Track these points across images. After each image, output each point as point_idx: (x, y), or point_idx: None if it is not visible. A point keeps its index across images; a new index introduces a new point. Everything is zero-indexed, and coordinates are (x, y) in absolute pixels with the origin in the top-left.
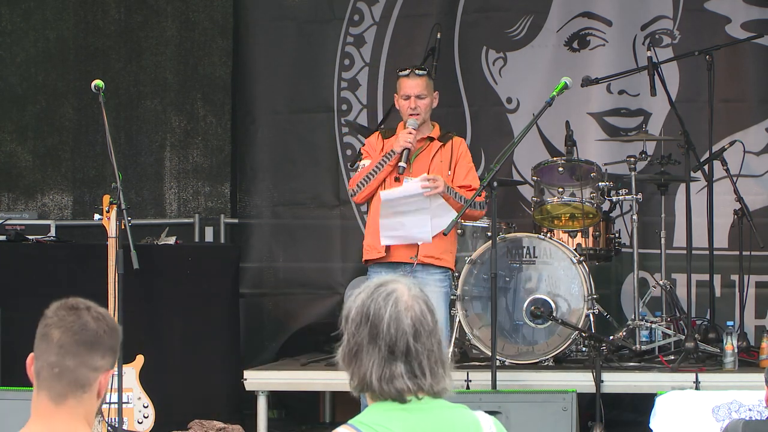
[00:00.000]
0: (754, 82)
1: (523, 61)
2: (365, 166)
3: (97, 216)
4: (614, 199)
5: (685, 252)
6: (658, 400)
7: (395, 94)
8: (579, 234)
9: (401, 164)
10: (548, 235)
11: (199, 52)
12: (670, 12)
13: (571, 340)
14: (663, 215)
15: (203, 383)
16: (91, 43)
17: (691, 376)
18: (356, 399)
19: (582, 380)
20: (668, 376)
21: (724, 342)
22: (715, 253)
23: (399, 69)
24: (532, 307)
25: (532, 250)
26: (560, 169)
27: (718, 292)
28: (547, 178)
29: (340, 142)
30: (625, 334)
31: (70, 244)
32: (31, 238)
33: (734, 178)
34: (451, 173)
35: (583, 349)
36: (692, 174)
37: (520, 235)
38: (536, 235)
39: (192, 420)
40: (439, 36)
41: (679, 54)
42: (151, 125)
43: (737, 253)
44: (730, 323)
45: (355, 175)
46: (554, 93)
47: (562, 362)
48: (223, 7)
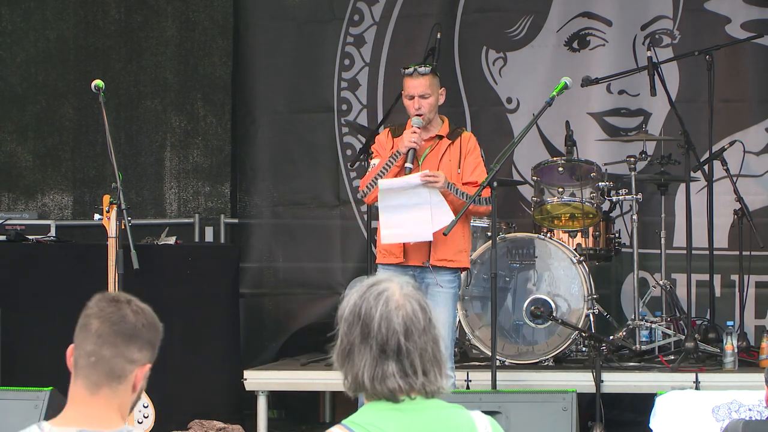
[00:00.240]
0: (754, 82)
1: (523, 61)
2: (374, 166)
3: (97, 216)
4: (614, 199)
5: (685, 252)
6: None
7: (402, 91)
8: (579, 234)
9: (407, 165)
10: (548, 235)
11: (200, 52)
12: (670, 12)
13: (571, 340)
14: (663, 215)
15: (203, 383)
16: (92, 43)
17: (691, 376)
18: (355, 399)
19: (582, 380)
20: (668, 376)
21: (724, 342)
22: (715, 253)
23: (403, 67)
24: (532, 307)
25: (532, 250)
26: (560, 169)
27: (718, 292)
28: (547, 178)
29: (340, 142)
30: (625, 334)
31: (70, 244)
32: (31, 238)
33: (734, 178)
34: (460, 171)
35: (583, 349)
36: (692, 174)
37: (520, 235)
38: (536, 235)
39: (192, 420)
40: (439, 36)
41: (679, 54)
42: (151, 125)
43: (737, 253)
44: (730, 323)
45: (365, 176)
46: (554, 93)
47: (562, 362)
48: (223, 7)
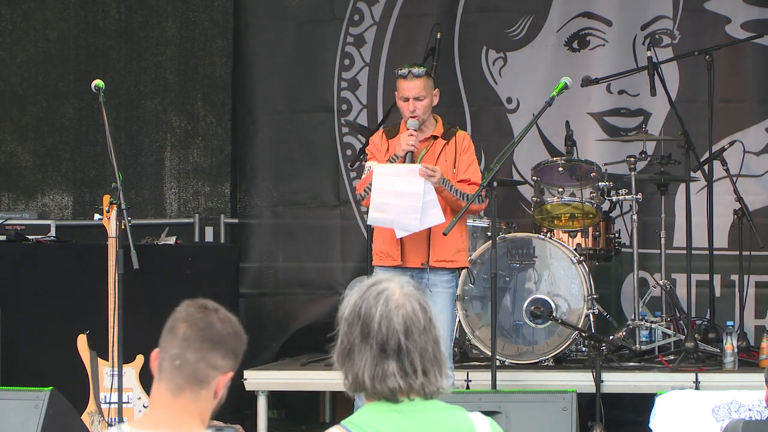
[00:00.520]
0: (754, 82)
1: (523, 61)
2: (371, 168)
3: (97, 216)
4: (614, 199)
5: (685, 252)
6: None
7: (396, 92)
8: (579, 234)
9: None
10: (548, 235)
11: (200, 52)
12: (670, 12)
13: (571, 340)
14: (663, 215)
15: None
16: (92, 43)
17: (691, 376)
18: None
19: (582, 380)
20: (668, 376)
21: (724, 342)
22: (715, 253)
23: (397, 69)
24: (532, 307)
25: (532, 250)
26: (560, 169)
27: (718, 292)
28: (547, 178)
29: (340, 142)
30: (625, 334)
31: (70, 244)
32: (31, 238)
33: (734, 178)
34: (455, 171)
35: (583, 349)
36: (692, 174)
37: (520, 235)
38: (536, 235)
39: None
40: (439, 36)
41: (679, 54)
42: (151, 125)
43: (737, 253)
44: (730, 323)
45: (362, 179)
46: (554, 93)
47: (562, 362)
48: (224, 7)
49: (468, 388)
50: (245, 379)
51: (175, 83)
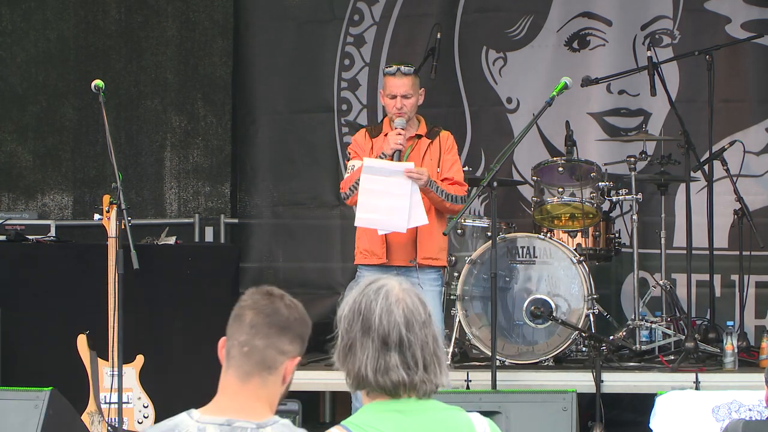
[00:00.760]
0: (754, 82)
1: (523, 61)
2: (355, 168)
3: (97, 216)
4: (614, 199)
5: (685, 252)
6: (658, 400)
7: (380, 90)
8: (579, 234)
9: None
10: (548, 235)
11: (200, 52)
12: (670, 12)
13: (571, 340)
14: (663, 215)
15: (203, 383)
16: (92, 43)
17: (691, 376)
18: None
19: (582, 380)
20: (668, 376)
21: (724, 342)
22: (715, 253)
23: (385, 66)
24: (532, 307)
25: (532, 250)
26: (560, 169)
27: (718, 292)
28: (547, 178)
29: (340, 142)
30: (625, 334)
31: (70, 244)
32: (31, 238)
33: (734, 178)
34: (439, 170)
35: (583, 349)
36: (692, 174)
37: (520, 235)
38: (536, 235)
39: None
40: (439, 36)
41: (679, 54)
42: (151, 125)
43: (737, 253)
44: (730, 323)
45: (346, 177)
46: (554, 93)
47: (562, 362)
48: (224, 7)
49: (468, 388)
50: None
51: (175, 83)
